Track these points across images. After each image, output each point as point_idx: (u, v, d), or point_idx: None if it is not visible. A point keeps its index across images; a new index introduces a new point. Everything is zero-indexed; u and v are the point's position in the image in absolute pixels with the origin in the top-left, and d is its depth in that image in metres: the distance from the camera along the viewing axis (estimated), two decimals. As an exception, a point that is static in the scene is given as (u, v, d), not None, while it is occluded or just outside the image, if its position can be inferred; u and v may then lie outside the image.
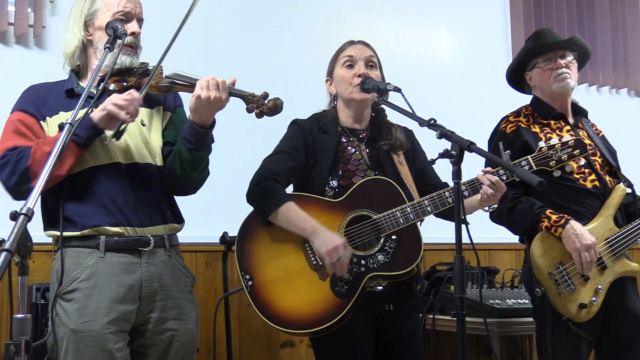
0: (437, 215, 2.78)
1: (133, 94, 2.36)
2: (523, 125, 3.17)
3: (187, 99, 2.53)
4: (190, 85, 2.49)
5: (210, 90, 2.40)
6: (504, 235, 3.40)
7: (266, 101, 2.43)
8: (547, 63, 3.19)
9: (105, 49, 2.39)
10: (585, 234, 2.92)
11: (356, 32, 3.17)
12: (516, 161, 2.75)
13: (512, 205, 3.05)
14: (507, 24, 5.40)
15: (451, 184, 2.32)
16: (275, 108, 2.44)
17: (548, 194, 2.95)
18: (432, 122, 2.39)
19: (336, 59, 2.96)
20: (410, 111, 2.51)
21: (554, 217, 2.96)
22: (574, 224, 2.93)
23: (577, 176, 3.06)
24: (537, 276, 2.97)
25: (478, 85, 5.10)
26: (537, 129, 3.16)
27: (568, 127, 3.19)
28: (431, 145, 2.58)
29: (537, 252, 2.97)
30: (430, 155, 2.28)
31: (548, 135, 3.13)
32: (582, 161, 3.07)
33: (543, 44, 3.20)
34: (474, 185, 2.71)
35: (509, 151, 2.68)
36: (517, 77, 3.37)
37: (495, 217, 3.15)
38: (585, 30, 5.46)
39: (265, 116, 2.45)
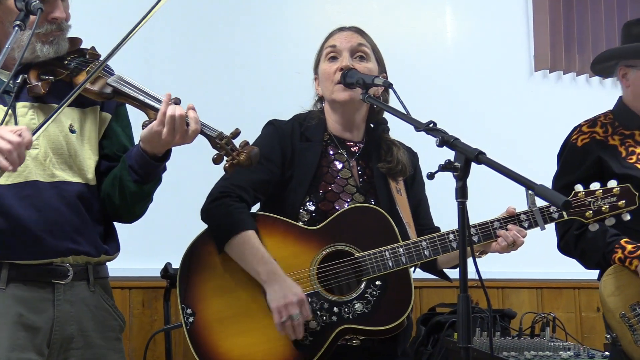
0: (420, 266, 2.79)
1: (24, 133, 2.23)
2: (598, 137, 3.23)
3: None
4: (141, 105, 2.45)
5: (176, 135, 2.37)
6: (522, 270, 3.44)
7: (238, 146, 2.39)
8: None
9: (14, 27, 2.35)
10: None
11: (338, 12, 3.19)
12: (543, 206, 2.74)
13: (580, 233, 3.10)
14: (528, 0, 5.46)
15: (451, 206, 2.30)
16: (249, 162, 2.38)
17: None
18: (431, 125, 2.39)
19: (321, 50, 2.97)
20: (404, 111, 2.53)
21: (629, 246, 3.02)
22: None
23: None
24: (608, 319, 3.03)
25: (490, 79, 5.14)
26: (616, 142, 3.23)
27: None
28: (430, 156, 2.60)
29: (608, 290, 3.02)
30: (429, 169, 2.28)
31: (630, 149, 3.20)
32: None
33: None
34: (487, 231, 2.73)
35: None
36: (605, 61, 3.39)
37: (563, 248, 3.22)
38: (627, 10, 5.53)
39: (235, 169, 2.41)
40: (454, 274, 2.28)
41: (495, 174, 2.21)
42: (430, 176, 2.29)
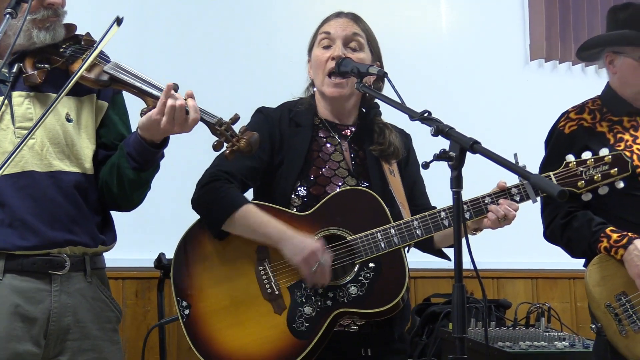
0: (415, 245, 2.80)
1: None
2: (586, 124, 3.23)
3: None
4: (139, 92, 2.45)
5: (175, 123, 2.38)
6: (517, 260, 3.43)
7: (238, 133, 2.39)
8: None
9: (5, 15, 2.35)
10: None
11: (334, 1, 3.19)
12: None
13: (566, 222, 3.12)
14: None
15: (446, 196, 2.31)
16: (249, 148, 2.38)
17: (611, 206, 3.01)
18: (425, 115, 2.40)
19: (316, 34, 2.96)
20: (399, 101, 2.53)
21: (614, 235, 3.02)
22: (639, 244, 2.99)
23: None
24: (593, 309, 3.05)
25: (485, 69, 5.15)
26: (604, 128, 3.23)
27: None
28: (425, 145, 2.60)
29: (593, 280, 3.04)
30: (423, 158, 2.29)
31: (619, 135, 3.19)
32: None
33: None
34: (478, 206, 2.73)
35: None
36: (591, 48, 3.38)
37: (549, 237, 3.23)
38: None
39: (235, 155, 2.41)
40: (449, 264, 2.28)
41: (490, 163, 2.21)
42: (425, 165, 2.30)
